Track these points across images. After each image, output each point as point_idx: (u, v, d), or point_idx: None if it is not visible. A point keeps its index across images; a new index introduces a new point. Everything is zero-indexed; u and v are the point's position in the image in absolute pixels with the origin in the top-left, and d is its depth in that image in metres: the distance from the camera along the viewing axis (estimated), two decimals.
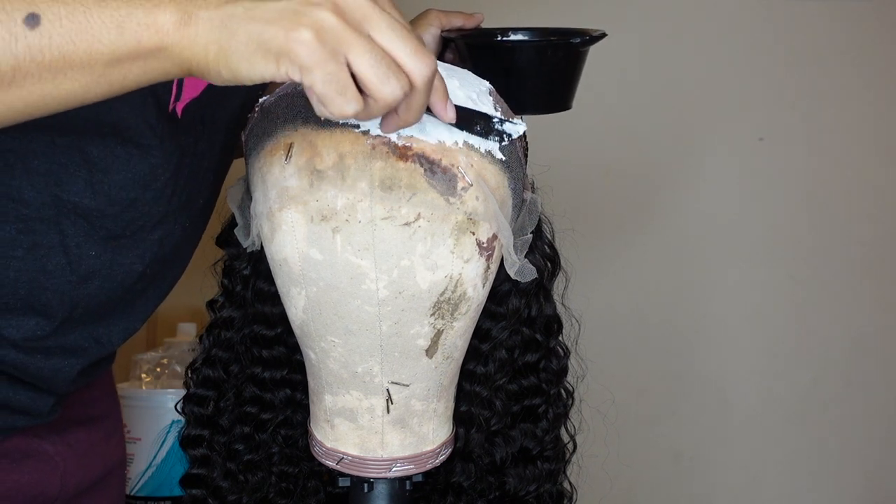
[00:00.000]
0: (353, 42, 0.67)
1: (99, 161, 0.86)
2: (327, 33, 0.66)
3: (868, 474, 2.12)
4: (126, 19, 0.68)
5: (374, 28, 0.68)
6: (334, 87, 0.67)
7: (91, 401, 1.05)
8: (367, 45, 0.67)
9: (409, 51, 0.69)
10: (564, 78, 1.04)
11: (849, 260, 2.11)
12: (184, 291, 1.04)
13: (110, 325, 0.97)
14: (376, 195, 0.81)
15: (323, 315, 0.86)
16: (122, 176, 0.87)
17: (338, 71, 0.67)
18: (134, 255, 0.92)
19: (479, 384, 0.95)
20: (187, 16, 0.68)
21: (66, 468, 0.99)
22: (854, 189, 2.11)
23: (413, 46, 0.69)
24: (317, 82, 0.67)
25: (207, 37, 0.68)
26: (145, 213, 0.90)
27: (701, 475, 2.12)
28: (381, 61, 0.68)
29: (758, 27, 2.11)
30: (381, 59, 0.68)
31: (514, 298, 0.93)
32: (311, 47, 0.66)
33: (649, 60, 2.10)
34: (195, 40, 0.68)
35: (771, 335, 2.12)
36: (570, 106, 1.07)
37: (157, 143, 0.87)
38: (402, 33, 0.69)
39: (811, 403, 2.11)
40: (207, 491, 1.00)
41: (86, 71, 0.68)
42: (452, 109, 0.76)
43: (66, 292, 0.90)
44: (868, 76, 2.10)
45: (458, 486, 0.98)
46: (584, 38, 1.03)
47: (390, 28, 0.68)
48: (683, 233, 2.11)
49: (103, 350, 0.97)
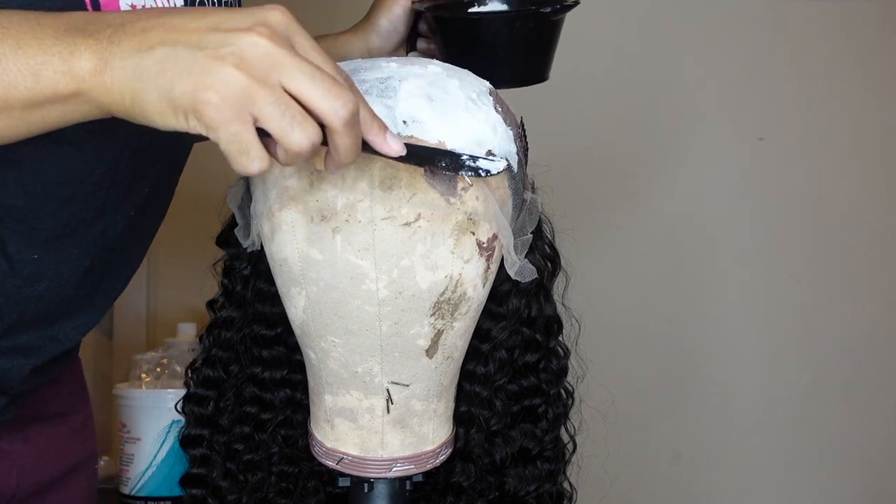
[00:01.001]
0: (257, 97, 0.66)
1: (29, 162, 0.85)
2: (232, 91, 0.66)
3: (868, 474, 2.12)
4: (42, 67, 0.69)
5: (283, 75, 0.67)
6: (236, 147, 0.67)
7: (54, 397, 1.06)
8: (270, 98, 0.66)
9: (321, 93, 0.67)
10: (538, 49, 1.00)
11: (849, 260, 2.10)
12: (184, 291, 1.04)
13: (67, 323, 0.97)
14: (376, 195, 0.81)
15: (323, 315, 0.86)
16: (55, 175, 0.87)
17: (241, 132, 0.67)
18: (78, 252, 0.92)
19: (479, 384, 0.95)
20: (103, 63, 0.68)
21: (25, 465, 1.00)
22: (854, 189, 2.11)
23: (325, 88, 0.68)
24: (221, 141, 0.68)
25: (122, 86, 0.68)
26: (83, 208, 0.90)
27: (701, 475, 2.12)
28: (285, 112, 0.67)
29: (758, 27, 2.11)
30: (285, 110, 0.67)
31: (514, 298, 0.93)
32: (216, 107, 0.66)
33: (649, 60, 2.10)
34: (111, 88, 0.68)
35: (771, 335, 2.12)
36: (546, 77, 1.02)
37: (88, 137, 0.86)
38: (312, 76, 0.67)
39: (811, 403, 2.11)
40: (207, 491, 1.00)
41: (4, 115, 0.70)
42: (397, 142, 0.73)
43: (13, 296, 0.90)
44: (868, 76, 2.10)
45: (458, 486, 0.98)
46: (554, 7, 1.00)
47: (300, 72, 0.67)
48: (683, 233, 2.11)
49: (60, 347, 0.97)
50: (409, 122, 0.81)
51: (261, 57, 0.67)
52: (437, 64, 0.88)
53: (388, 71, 0.84)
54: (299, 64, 0.67)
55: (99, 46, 0.68)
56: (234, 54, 0.66)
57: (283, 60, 0.67)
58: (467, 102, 0.84)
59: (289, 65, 0.67)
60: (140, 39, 0.68)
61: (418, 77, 0.84)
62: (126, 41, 0.68)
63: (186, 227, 1.31)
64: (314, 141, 0.68)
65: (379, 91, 0.82)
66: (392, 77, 0.83)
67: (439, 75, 0.85)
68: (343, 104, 0.68)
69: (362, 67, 0.86)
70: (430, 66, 0.87)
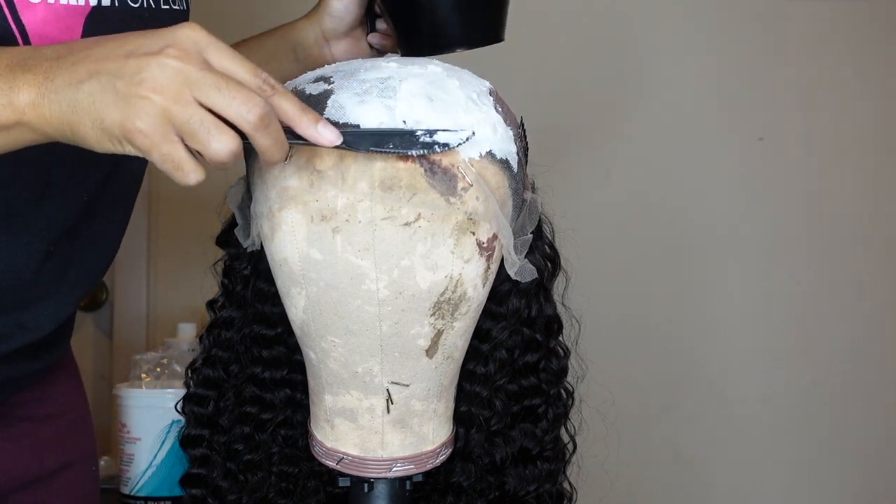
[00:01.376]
0: (174, 118, 0.71)
1: None
2: (153, 118, 0.71)
3: (868, 474, 2.12)
4: None
5: (194, 91, 0.71)
6: (170, 165, 0.73)
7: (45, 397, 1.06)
8: (185, 116, 0.71)
9: (227, 101, 0.72)
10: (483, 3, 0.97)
11: (849, 260, 2.10)
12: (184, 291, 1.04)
13: (36, 311, 0.98)
14: (376, 195, 0.81)
15: (323, 315, 0.86)
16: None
17: (171, 151, 0.72)
18: (30, 235, 0.94)
19: (479, 384, 0.95)
20: (41, 97, 0.74)
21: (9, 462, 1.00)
22: (854, 189, 2.10)
23: (230, 96, 0.72)
24: (156, 162, 0.73)
25: (60, 118, 0.73)
26: (26, 188, 0.92)
27: (701, 475, 2.12)
28: (200, 127, 0.72)
29: (758, 27, 2.11)
30: (200, 125, 0.72)
31: (514, 298, 0.93)
32: (144, 134, 0.72)
33: (649, 60, 2.10)
34: (50, 120, 0.74)
35: (771, 335, 2.12)
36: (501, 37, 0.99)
37: None
38: (218, 86, 0.72)
39: (811, 403, 2.11)
40: (207, 491, 1.00)
41: None
42: (331, 132, 0.76)
43: None
44: (868, 76, 2.10)
45: (458, 486, 0.98)
46: None
47: (207, 85, 0.72)
48: (684, 233, 2.11)
49: (31, 336, 0.98)
50: (408, 121, 0.81)
51: (170, 78, 0.71)
52: (438, 64, 0.88)
53: (389, 71, 0.84)
54: (206, 77, 0.72)
55: (36, 81, 0.74)
56: (146, 81, 0.71)
57: (191, 76, 0.72)
58: (467, 102, 0.84)
59: (196, 80, 0.72)
60: (71, 73, 0.73)
61: (418, 77, 0.84)
62: (60, 76, 0.73)
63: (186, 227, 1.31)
64: (232, 148, 0.73)
65: (379, 91, 0.82)
66: (392, 77, 0.83)
67: (439, 75, 0.85)
68: (249, 109, 0.72)
69: (363, 67, 0.86)
70: (430, 66, 0.87)
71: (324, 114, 0.81)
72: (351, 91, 0.82)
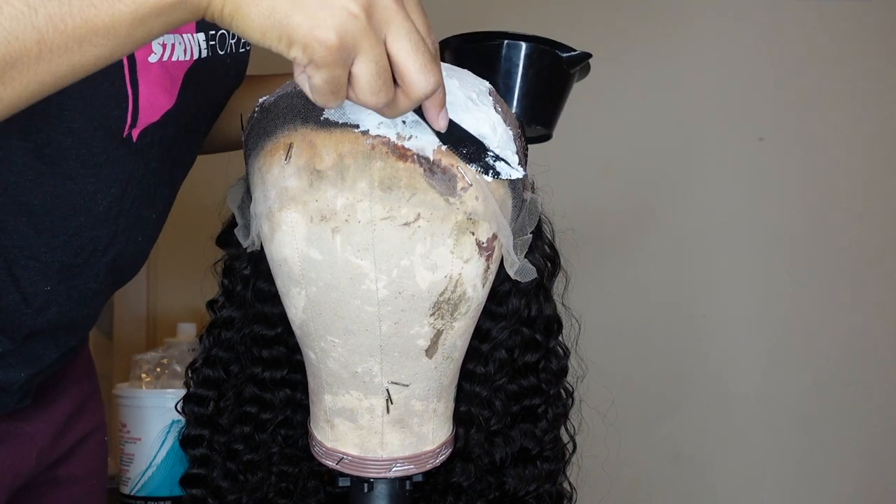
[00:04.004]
0: (365, 49, 0.66)
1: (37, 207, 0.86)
2: (350, 37, 0.66)
3: (868, 474, 2.12)
4: None
5: (391, 32, 0.67)
6: (330, 88, 0.68)
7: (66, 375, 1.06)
8: (373, 55, 0.67)
9: (418, 66, 0.68)
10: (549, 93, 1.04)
11: (849, 260, 2.11)
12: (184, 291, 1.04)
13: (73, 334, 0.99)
14: (376, 195, 0.81)
15: (323, 315, 0.86)
16: (63, 209, 0.87)
17: (341, 76, 0.67)
18: (87, 277, 0.93)
19: (478, 384, 0.95)
20: None
21: (44, 444, 1.01)
22: (854, 189, 2.11)
23: (422, 62, 0.68)
24: (318, 79, 0.67)
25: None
26: (93, 239, 0.91)
27: (701, 475, 2.12)
28: (380, 75, 0.68)
29: (758, 27, 2.11)
30: (380, 73, 0.68)
31: (514, 298, 0.93)
32: (331, 50, 0.65)
33: (649, 60, 2.10)
34: None
35: (771, 335, 2.12)
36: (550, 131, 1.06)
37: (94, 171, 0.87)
38: (415, 45, 0.68)
39: (811, 403, 2.11)
40: (207, 491, 1.00)
41: (111, 35, 0.65)
42: (445, 119, 0.76)
43: (25, 322, 0.91)
44: (867, 76, 2.10)
45: (458, 486, 0.98)
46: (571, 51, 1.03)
47: (407, 37, 0.68)
48: (683, 233, 2.11)
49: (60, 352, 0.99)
50: (408, 121, 0.81)
51: (381, 8, 0.66)
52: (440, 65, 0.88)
53: None
54: (409, 28, 0.68)
55: None
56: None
57: (396, 18, 0.67)
58: (467, 102, 0.84)
59: (399, 24, 0.67)
60: None
61: None
62: None
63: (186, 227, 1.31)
64: (382, 105, 0.69)
65: None
66: None
67: None
68: (431, 84, 0.69)
69: None
70: None
71: (324, 113, 0.82)
72: None
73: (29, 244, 0.87)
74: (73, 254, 0.90)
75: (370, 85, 0.68)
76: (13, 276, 0.88)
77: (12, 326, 0.90)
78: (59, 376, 1.04)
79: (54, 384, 1.03)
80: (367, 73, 0.67)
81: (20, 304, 0.89)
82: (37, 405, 1.00)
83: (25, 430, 0.99)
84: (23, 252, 0.87)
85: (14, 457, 0.98)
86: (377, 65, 0.67)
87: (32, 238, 0.87)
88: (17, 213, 0.86)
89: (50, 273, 0.89)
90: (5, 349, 0.91)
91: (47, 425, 1.02)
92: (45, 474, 1.04)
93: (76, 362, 1.09)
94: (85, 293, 0.94)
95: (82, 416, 1.09)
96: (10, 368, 0.93)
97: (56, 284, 0.90)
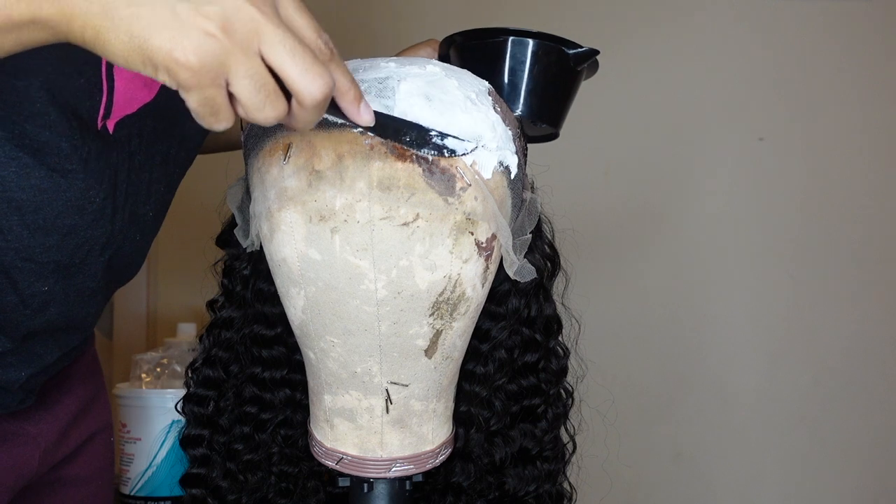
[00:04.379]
0: (234, 65, 0.64)
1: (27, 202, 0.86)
2: (211, 57, 0.63)
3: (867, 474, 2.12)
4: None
5: (264, 44, 0.65)
6: (207, 110, 0.65)
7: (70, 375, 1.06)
8: (247, 70, 0.64)
9: (298, 71, 0.65)
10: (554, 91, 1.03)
11: (848, 260, 2.10)
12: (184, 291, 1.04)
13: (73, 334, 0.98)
14: (375, 195, 0.81)
15: (322, 315, 0.86)
16: (53, 206, 0.87)
17: (215, 96, 0.65)
18: (85, 277, 0.93)
19: (478, 384, 0.95)
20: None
21: (48, 445, 1.01)
22: (854, 189, 2.11)
23: (302, 66, 0.65)
24: (192, 102, 0.65)
25: (84, 20, 0.65)
26: (90, 238, 0.90)
27: (701, 475, 2.12)
28: (260, 88, 0.65)
29: (758, 28, 2.11)
30: (261, 85, 0.65)
31: (513, 298, 0.93)
32: (193, 71, 0.63)
33: (649, 60, 2.10)
34: (73, 16, 0.65)
35: (771, 335, 2.12)
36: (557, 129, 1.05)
37: (80, 165, 0.86)
38: (291, 50, 0.65)
39: (811, 403, 2.11)
40: (207, 491, 1.00)
41: None
42: (368, 112, 0.71)
43: (23, 322, 0.91)
44: (867, 77, 2.10)
45: (458, 486, 0.98)
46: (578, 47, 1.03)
47: (281, 44, 0.65)
48: (683, 233, 2.11)
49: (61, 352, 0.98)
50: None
51: (244, 21, 0.64)
52: (436, 64, 0.88)
53: (387, 71, 0.84)
54: (282, 35, 0.65)
55: None
56: (217, 14, 0.63)
57: (265, 28, 0.64)
58: (466, 102, 0.84)
59: (270, 34, 0.64)
60: None
61: (417, 77, 0.84)
62: None
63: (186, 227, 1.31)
64: (280, 116, 0.67)
65: (377, 91, 0.82)
66: (391, 77, 0.83)
67: (438, 75, 0.85)
68: (319, 87, 0.66)
69: (361, 67, 0.86)
70: (428, 66, 0.87)
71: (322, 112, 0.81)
72: None
73: (23, 244, 0.87)
74: (69, 254, 0.90)
75: (252, 101, 0.65)
76: (10, 277, 0.88)
77: (11, 326, 0.90)
78: (63, 376, 1.04)
79: (58, 384, 1.03)
80: (245, 89, 0.65)
81: (18, 305, 0.89)
82: (40, 405, 1.00)
83: (29, 431, 0.99)
84: (18, 254, 0.87)
85: (17, 457, 0.98)
86: (253, 80, 0.65)
87: (27, 238, 0.87)
88: (7, 211, 0.85)
89: (46, 273, 0.89)
90: (5, 349, 0.91)
91: (51, 425, 1.02)
92: (49, 475, 1.04)
93: (81, 362, 1.09)
94: (83, 293, 0.93)
95: (87, 417, 1.09)
96: (11, 368, 0.93)
97: (53, 284, 0.90)
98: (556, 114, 1.02)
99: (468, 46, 1.02)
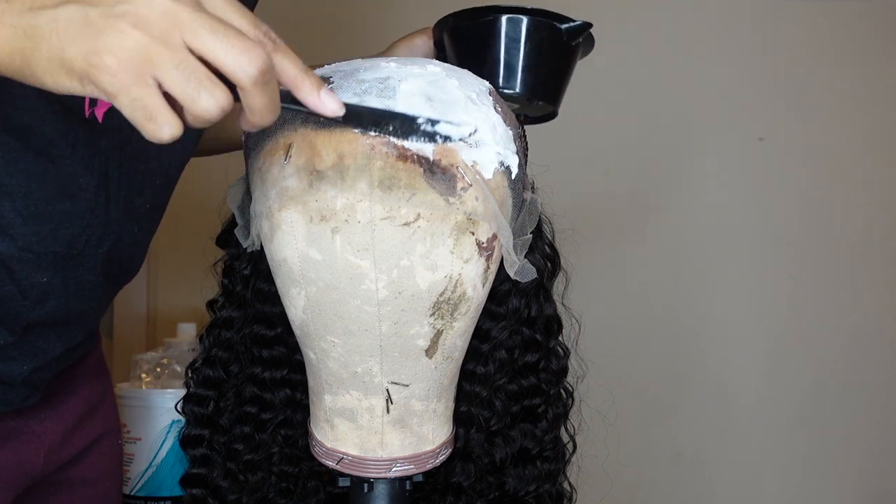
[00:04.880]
0: (157, 59, 0.62)
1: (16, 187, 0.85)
2: (129, 54, 0.61)
3: (867, 474, 2.12)
4: None
5: (186, 33, 0.62)
6: (141, 114, 0.63)
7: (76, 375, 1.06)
8: (172, 60, 0.62)
9: (225, 49, 0.62)
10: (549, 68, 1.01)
11: (848, 259, 2.10)
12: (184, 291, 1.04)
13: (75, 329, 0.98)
14: (375, 195, 0.81)
15: (322, 315, 0.86)
16: (44, 191, 0.86)
17: (144, 96, 0.62)
18: (85, 269, 0.92)
19: (478, 384, 0.95)
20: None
21: (52, 444, 1.00)
22: (854, 189, 2.11)
23: (230, 44, 0.62)
24: (123, 108, 0.63)
25: (11, 45, 0.64)
26: (85, 228, 0.90)
27: (701, 475, 2.12)
28: (190, 76, 0.62)
29: (758, 27, 2.11)
30: (190, 73, 0.62)
31: (514, 298, 0.93)
32: (112, 72, 0.61)
33: (649, 60, 2.10)
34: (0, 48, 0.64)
35: (771, 335, 2.12)
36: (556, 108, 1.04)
37: (68, 150, 0.86)
38: (215, 33, 0.62)
39: (811, 403, 2.11)
40: (207, 491, 1.00)
41: None
42: (334, 102, 0.68)
43: (22, 314, 0.91)
44: (867, 77, 2.10)
45: (458, 486, 0.98)
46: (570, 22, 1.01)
47: (203, 28, 0.62)
48: (683, 233, 2.11)
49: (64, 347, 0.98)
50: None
51: (159, 14, 0.62)
52: (437, 64, 0.88)
53: (388, 71, 0.84)
54: (202, 19, 0.62)
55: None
56: (130, 13, 0.61)
57: (183, 17, 0.62)
58: (466, 102, 0.84)
59: (190, 21, 0.62)
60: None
61: (417, 77, 0.84)
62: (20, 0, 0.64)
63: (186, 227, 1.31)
64: (223, 105, 0.63)
65: (378, 91, 0.82)
66: (391, 77, 0.83)
67: (438, 75, 0.85)
68: (250, 60, 0.63)
69: (362, 67, 0.86)
70: (429, 66, 0.86)
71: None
72: (350, 91, 0.82)
73: (18, 233, 0.86)
74: (66, 244, 0.89)
75: (185, 93, 0.62)
76: (8, 267, 0.88)
77: (10, 318, 0.90)
78: (68, 377, 1.04)
79: (64, 384, 1.03)
80: (174, 81, 0.62)
81: (17, 296, 0.89)
82: (45, 404, 1.00)
83: (33, 429, 0.99)
84: (15, 242, 0.87)
85: (21, 454, 0.98)
86: (180, 69, 0.62)
87: (20, 226, 0.86)
88: None
89: (45, 264, 0.89)
90: (5, 341, 0.91)
91: (56, 424, 1.02)
92: (56, 475, 1.04)
93: (87, 363, 1.09)
94: (83, 285, 0.93)
95: (94, 418, 1.09)
96: (12, 361, 0.93)
97: (52, 276, 0.90)
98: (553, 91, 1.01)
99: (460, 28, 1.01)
